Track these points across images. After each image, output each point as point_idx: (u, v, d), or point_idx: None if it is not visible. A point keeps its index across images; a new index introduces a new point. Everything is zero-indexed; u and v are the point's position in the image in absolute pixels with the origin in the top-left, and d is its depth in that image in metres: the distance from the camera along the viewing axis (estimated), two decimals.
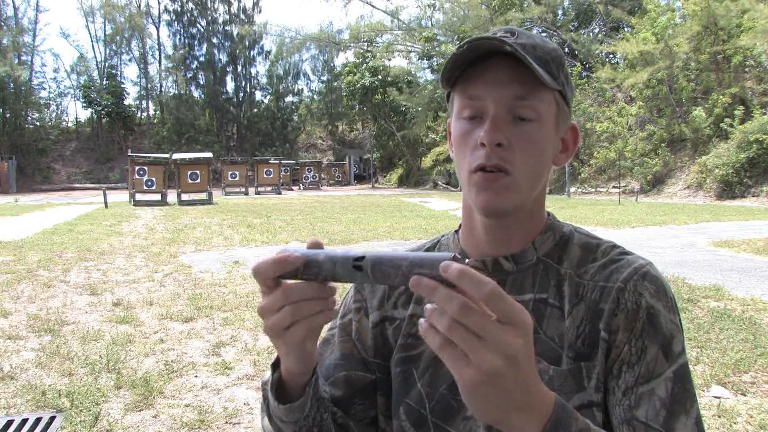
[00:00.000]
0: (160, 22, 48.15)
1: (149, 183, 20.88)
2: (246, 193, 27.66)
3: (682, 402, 0.69)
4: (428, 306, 0.51)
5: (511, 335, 0.49)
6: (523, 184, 0.74)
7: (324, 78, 51.33)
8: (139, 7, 47.15)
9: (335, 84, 46.69)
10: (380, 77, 35.45)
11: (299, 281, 0.60)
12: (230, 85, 49.30)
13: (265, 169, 29.71)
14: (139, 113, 47.88)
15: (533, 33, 0.77)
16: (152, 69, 48.26)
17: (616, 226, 11.50)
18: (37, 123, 42.79)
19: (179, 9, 47.97)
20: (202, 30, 48.49)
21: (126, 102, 46.00)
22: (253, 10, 49.67)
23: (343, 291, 1.02)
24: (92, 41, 60.62)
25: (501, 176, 0.73)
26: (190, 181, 21.58)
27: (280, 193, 28.99)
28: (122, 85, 46.05)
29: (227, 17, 49.06)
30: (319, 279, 0.58)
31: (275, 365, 0.70)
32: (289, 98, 50.61)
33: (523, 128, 0.73)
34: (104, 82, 44.80)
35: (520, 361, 0.49)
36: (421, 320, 0.52)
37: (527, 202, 0.77)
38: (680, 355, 0.71)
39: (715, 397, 3.17)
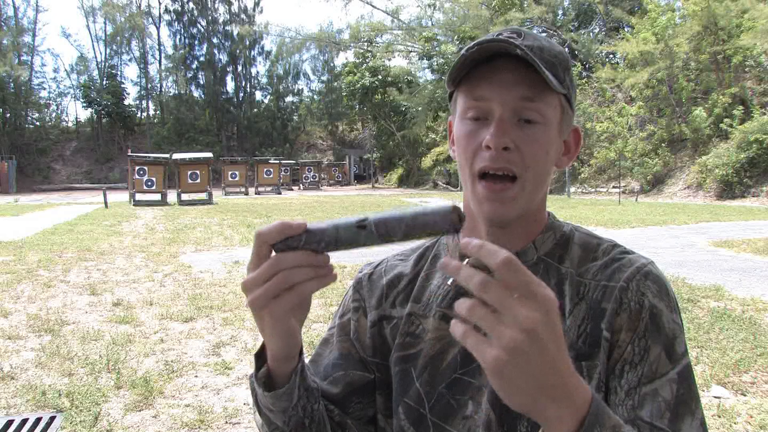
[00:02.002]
0: (160, 22, 48.25)
1: (149, 183, 20.88)
2: (246, 193, 27.67)
3: (686, 403, 0.69)
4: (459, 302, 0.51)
5: (530, 309, 0.48)
6: (528, 189, 0.74)
7: (324, 78, 51.45)
8: (139, 7, 47.22)
9: (335, 84, 46.73)
10: (380, 77, 35.46)
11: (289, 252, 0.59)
12: (230, 85, 49.47)
13: (265, 169, 29.72)
14: (139, 113, 47.95)
15: (539, 35, 0.76)
16: (152, 69, 48.41)
17: (616, 226, 11.50)
18: (37, 123, 42.84)
19: (179, 9, 48.03)
20: (202, 30, 48.58)
21: (126, 102, 46.10)
22: (254, 10, 49.75)
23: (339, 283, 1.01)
24: (93, 41, 60.85)
25: (508, 186, 0.72)
26: (190, 181, 21.58)
27: (280, 193, 29.00)
28: (122, 85, 46.13)
29: (227, 17, 49.14)
30: (321, 248, 0.58)
31: (259, 354, 0.70)
32: (289, 98, 50.69)
33: (529, 131, 0.72)
34: (104, 82, 44.85)
35: (541, 335, 0.48)
36: (453, 320, 0.51)
37: (531, 206, 0.77)
38: (683, 355, 0.71)
39: (715, 397, 3.17)
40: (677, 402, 0.68)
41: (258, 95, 50.94)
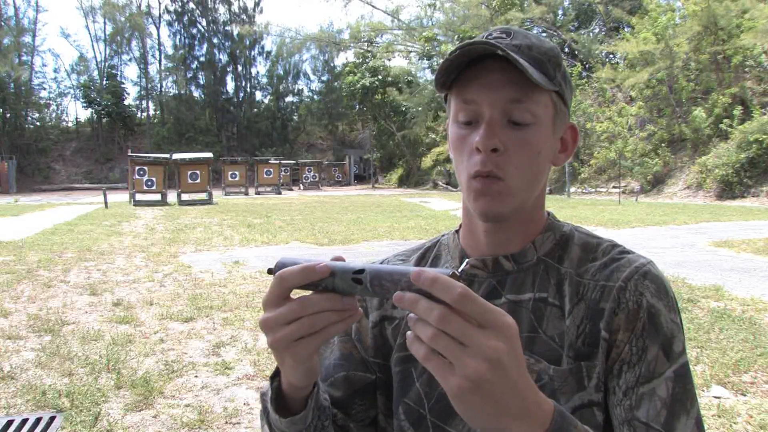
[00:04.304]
0: (160, 22, 48.20)
1: (149, 183, 20.88)
2: (246, 193, 27.66)
3: (682, 402, 0.69)
4: (411, 315, 0.51)
5: (493, 339, 0.49)
6: (519, 189, 0.74)
7: (324, 78, 51.37)
8: (139, 6, 47.19)
9: (335, 84, 46.68)
10: (380, 77, 35.42)
11: (312, 293, 0.58)
12: (230, 85, 49.40)
13: (265, 169, 29.71)
14: (139, 113, 47.90)
15: (530, 32, 0.76)
16: (152, 69, 48.34)
17: (616, 226, 11.50)
18: (37, 123, 42.78)
19: (180, 9, 47.98)
20: (202, 30, 48.53)
21: (126, 102, 46.03)
22: (254, 10, 49.73)
23: None
24: (92, 41, 60.83)
25: (494, 181, 0.72)
26: (190, 181, 21.58)
27: (280, 193, 28.99)
28: (122, 85, 46.06)
29: (228, 17, 49.11)
30: (318, 290, 0.57)
31: (273, 377, 0.69)
32: (289, 98, 50.67)
33: (519, 132, 0.72)
34: (104, 82, 44.81)
35: (505, 364, 0.49)
36: (408, 332, 0.52)
37: (526, 204, 0.77)
38: (681, 354, 0.71)
39: (715, 397, 3.17)
40: (673, 401, 0.68)
41: (258, 95, 50.95)
